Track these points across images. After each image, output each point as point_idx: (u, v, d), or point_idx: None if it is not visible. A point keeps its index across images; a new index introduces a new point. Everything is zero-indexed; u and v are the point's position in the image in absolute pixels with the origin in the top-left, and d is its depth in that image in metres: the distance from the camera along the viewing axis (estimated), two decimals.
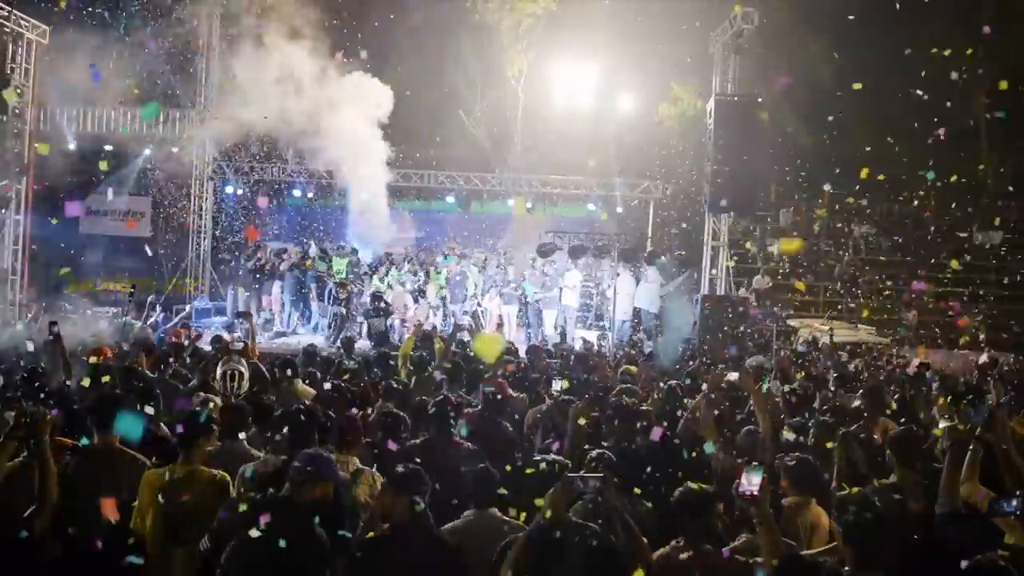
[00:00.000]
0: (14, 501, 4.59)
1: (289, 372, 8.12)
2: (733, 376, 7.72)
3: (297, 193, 22.23)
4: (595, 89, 23.28)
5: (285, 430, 5.32)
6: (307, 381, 8.27)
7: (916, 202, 24.50)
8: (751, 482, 3.78)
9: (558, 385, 7.32)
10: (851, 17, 19.41)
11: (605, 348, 15.10)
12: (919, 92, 15.26)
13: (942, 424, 6.01)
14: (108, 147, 21.18)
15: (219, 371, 7.57)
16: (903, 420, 7.05)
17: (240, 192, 22.13)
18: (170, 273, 21.24)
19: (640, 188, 21.48)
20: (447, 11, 23.67)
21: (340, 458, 5.17)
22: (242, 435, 5.74)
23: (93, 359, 8.56)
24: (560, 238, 18.50)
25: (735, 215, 19.27)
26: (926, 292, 20.71)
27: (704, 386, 7.04)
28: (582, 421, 5.91)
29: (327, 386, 7.38)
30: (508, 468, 5.15)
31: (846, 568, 3.80)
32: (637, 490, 5.04)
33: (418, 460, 4.81)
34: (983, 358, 14.53)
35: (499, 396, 6.94)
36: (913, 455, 5.33)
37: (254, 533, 3.98)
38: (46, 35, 17.85)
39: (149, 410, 5.90)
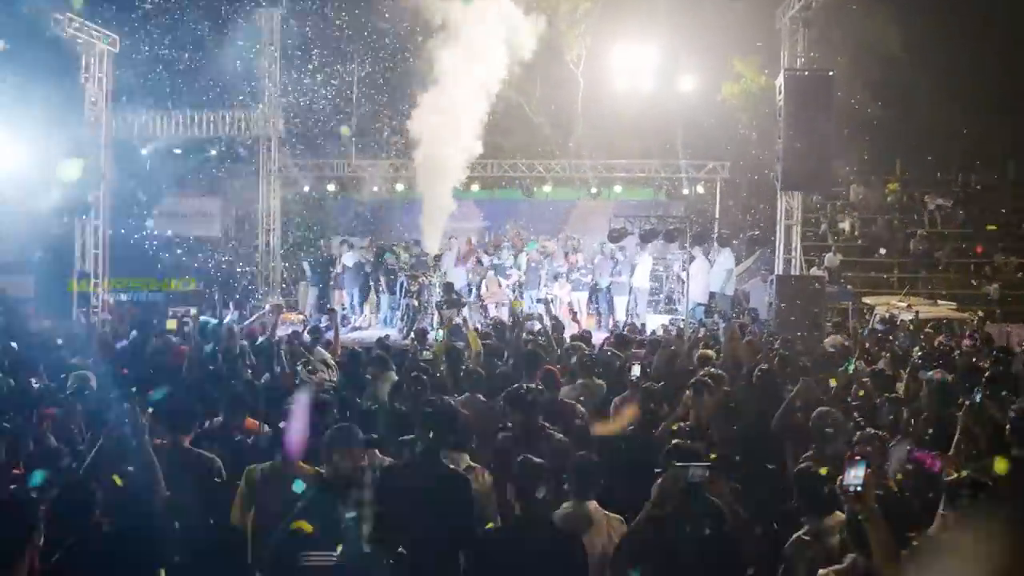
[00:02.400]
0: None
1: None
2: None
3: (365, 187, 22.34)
4: (655, 70, 22.96)
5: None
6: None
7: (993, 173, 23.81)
8: (856, 476, 3.33)
9: (637, 370, 7.26)
10: None
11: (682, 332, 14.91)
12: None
13: None
14: (177, 150, 21.66)
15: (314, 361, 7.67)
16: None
17: (307, 188, 22.32)
18: (240, 272, 21.61)
19: (706, 169, 21.05)
20: None
21: (451, 455, 5.09)
22: None
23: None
24: (630, 222, 18.25)
25: (807, 192, 18.84)
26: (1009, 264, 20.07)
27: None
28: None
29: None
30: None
31: None
32: None
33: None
34: None
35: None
36: None
37: None
38: (116, 44, 18.24)
39: None
